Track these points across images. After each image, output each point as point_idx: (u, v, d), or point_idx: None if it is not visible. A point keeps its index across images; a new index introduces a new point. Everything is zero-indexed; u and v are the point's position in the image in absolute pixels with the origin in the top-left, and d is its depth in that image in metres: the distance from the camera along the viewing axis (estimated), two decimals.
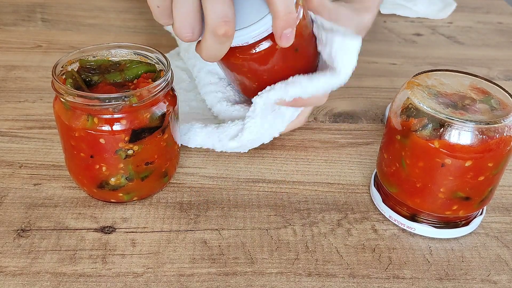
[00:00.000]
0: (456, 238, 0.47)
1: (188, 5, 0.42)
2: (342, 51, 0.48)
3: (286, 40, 0.45)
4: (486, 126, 0.41)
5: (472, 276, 0.43)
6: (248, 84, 0.52)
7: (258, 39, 0.46)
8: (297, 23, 0.47)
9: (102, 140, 0.43)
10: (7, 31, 0.79)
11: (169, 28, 0.66)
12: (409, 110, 0.44)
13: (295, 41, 0.46)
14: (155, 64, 0.48)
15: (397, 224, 0.48)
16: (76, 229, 0.45)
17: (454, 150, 0.41)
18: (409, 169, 0.44)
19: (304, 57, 0.51)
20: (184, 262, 0.43)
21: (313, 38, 0.51)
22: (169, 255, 0.44)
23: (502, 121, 0.41)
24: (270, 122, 0.52)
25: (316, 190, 0.52)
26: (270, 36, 0.46)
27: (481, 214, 0.48)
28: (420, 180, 0.44)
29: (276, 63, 0.49)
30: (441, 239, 0.47)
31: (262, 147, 0.57)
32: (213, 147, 0.53)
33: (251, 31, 0.45)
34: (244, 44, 0.47)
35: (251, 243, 0.45)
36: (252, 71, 0.50)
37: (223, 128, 0.52)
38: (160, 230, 0.46)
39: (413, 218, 0.47)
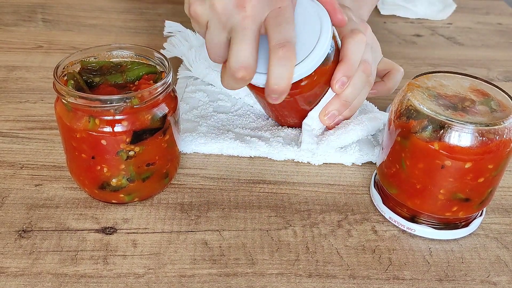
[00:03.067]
0: (456, 239, 0.47)
1: (216, 38, 0.46)
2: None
3: (272, 100, 0.47)
4: (486, 128, 0.41)
5: (471, 277, 0.44)
6: (270, 112, 0.59)
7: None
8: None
9: (103, 141, 0.43)
10: (8, 32, 0.79)
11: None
12: (409, 112, 0.44)
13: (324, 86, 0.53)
14: (156, 66, 0.48)
15: (397, 225, 0.48)
16: (77, 230, 0.46)
17: (454, 151, 0.42)
18: (409, 170, 0.44)
19: (324, 90, 0.55)
20: (185, 263, 0.43)
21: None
22: (170, 256, 0.44)
23: (502, 123, 0.41)
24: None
25: (316, 191, 0.52)
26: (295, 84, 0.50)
27: (480, 215, 0.48)
28: (420, 182, 0.44)
29: (294, 104, 0.54)
30: (441, 240, 0.47)
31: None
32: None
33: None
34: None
35: (251, 244, 0.45)
36: (271, 105, 0.56)
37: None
38: (161, 231, 0.46)
39: (413, 219, 0.47)
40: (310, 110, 0.55)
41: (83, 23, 0.84)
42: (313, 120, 0.55)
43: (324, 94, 0.54)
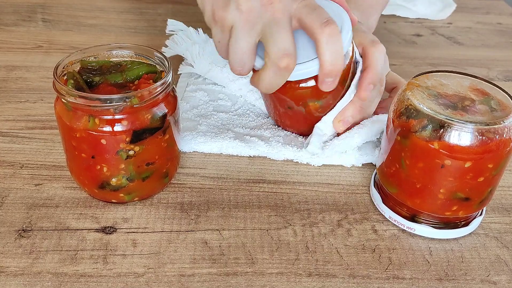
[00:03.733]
0: (455, 238, 0.47)
1: (243, 42, 0.45)
2: None
3: (327, 86, 0.48)
4: (486, 127, 0.41)
5: (471, 277, 0.44)
6: (274, 109, 0.57)
7: (303, 78, 0.49)
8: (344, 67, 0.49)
9: (103, 141, 0.43)
10: (8, 32, 0.79)
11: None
12: (409, 111, 0.44)
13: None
14: (156, 65, 0.48)
15: (397, 224, 0.48)
16: (77, 230, 0.46)
17: (454, 151, 0.42)
18: (409, 169, 0.44)
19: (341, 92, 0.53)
20: (184, 262, 0.43)
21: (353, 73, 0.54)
22: (169, 255, 0.44)
23: (501, 122, 0.41)
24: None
25: (316, 190, 0.52)
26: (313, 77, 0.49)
27: (480, 214, 0.48)
28: (420, 181, 0.44)
29: (308, 99, 0.52)
30: (441, 239, 0.47)
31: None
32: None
33: (299, 69, 0.48)
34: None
35: (251, 244, 0.45)
36: (280, 112, 0.55)
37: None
38: (160, 230, 0.46)
39: (413, 218, 0.47)
40: (324, 115, 0.53)
41: (83, 23, 0.84)
42: (326, 125, 0.54)
43: (339, 100, 0.53)
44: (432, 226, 0.47)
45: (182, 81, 0.66)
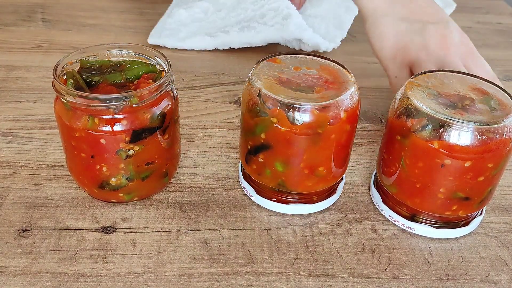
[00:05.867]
0: (455, 238, 0.47)
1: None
2: None
3: None
4: (486, 126, 0.41)
5: (471, 276, 0.44)
6: None
7: None
8: None
9: (102, 141, 0.43)
10: (8, 31, 0.79)
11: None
12: (408, 111, 0.44)
13: None
14: (156, 65, 0.48)
15: (397, 224, 0.48)
16: (77, 229, 0.46)
17: (454, 150, 0.41)
18: (409, 169, 0.44)
19: None
20: (184, 262, 0.43)
21: None
22: (169, 255, 0.44)
23: (501, 121, 0.41)
24: None
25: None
26: None
27: (480, 214, 0.48)
28: (419, 181, 0.44)
29: None
30: (440, 239, 0.47)
31: None
32: None
33: None
34: None
35: (251, 243, 0.45)
36: None
37: None
38: (160, 230, 0.46)
39: (412, 218, 0.47)
40: None
41: (83, 23, 0.84)
42: None
43: None
44: (432, 226, 0.47)
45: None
